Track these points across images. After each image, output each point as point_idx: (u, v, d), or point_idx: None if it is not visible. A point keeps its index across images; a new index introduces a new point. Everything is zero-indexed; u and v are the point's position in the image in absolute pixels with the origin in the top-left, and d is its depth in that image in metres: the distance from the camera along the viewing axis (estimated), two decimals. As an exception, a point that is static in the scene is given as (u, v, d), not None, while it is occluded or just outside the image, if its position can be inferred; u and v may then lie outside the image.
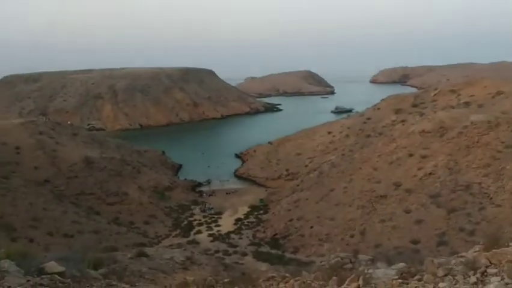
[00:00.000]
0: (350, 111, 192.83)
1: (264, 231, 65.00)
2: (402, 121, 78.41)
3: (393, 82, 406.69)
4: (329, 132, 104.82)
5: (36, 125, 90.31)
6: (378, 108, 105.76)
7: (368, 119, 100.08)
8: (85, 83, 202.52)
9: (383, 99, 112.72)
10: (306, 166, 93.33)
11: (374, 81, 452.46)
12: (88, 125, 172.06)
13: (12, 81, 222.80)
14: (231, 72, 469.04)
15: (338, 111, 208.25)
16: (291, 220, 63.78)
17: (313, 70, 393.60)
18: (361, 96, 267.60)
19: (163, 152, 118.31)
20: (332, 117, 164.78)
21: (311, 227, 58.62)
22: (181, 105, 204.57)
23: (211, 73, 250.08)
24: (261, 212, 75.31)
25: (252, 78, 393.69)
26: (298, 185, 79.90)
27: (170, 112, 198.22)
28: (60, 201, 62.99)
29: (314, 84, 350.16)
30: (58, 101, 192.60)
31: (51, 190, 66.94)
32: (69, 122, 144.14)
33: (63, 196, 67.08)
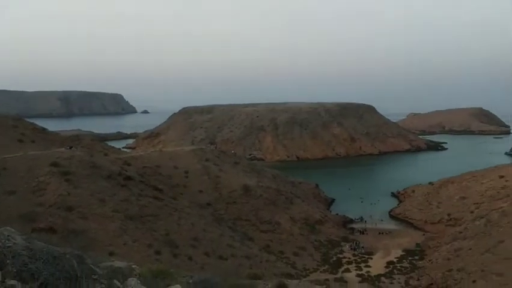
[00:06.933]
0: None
1: (418, 279, 60.11)
2: None
3: None
4: (501, 176, 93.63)
5: (204, 153, 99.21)
6: None
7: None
8: (250, 115, 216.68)
9: None
10: (472, 212, 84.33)
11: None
12: (250, 155, 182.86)
13: (189, 112, 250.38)
14: (393, 109, 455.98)
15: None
16: (450, 270, 57.87)
17: (486, 107, 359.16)
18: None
19: (317, 185, 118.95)
20: (506, 160, 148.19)
21: (474, 281, 52.28)
22: (338, 139, 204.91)
23: (370, 109, 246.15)
24: (416, 257, 70.00)
25: (415, 114, 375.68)
26: (460, 232, 72.48)
27: (327, 146, 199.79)
28: (218, 224, 67.36)
29: (486, 123, 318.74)
30: (225, 132, 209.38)
31: (211, 213, 72.16)
32: (233, 151, 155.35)
33: (221, 220, 71.67)
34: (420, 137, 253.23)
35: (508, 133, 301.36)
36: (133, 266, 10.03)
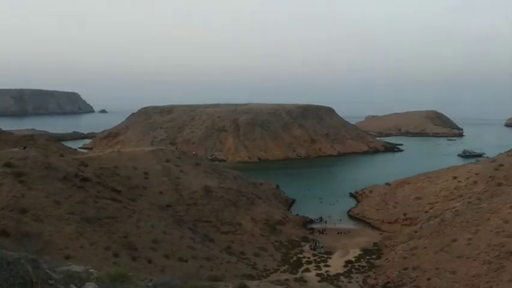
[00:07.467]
0: (479, 155, 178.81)
1: (376, 278, 61.60)
2: (542, 170, 69.92)
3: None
4: (454, 177, 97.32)
5: (165, 153, 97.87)
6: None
7: (500, 165, 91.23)
8: (212, 116, 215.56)
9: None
10: (426, 212, 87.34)
11: (509, 124, 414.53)
12: (211, 155, 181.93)
13: (148, 112, 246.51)
14: (352, 111, 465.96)
15: (466, 155, 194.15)
16: (406, 269, 59.67)
17: (440, 110, 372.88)
18: (493, 141, 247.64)
19: (278, 186, 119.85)
20: (459, 162, 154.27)
21: (428, 279, 54.15)
22: (299, 141, 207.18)
23: (330, 110, 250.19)
24: (374, 256, 71.74)
25: (373, 116, 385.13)
26: (416, 232, 74.90)
27: (288, 147, 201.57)
28: (179, 226, 66.63)
29: (440, 125, 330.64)
30: (186, 132, 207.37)
31: (172, 215, 71.30)
32: (194, 152, 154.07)
33: (182, 221, 70.95)
34: (378, 138, 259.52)
35: (460, 135, 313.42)
36: (91, 270, 9.79)
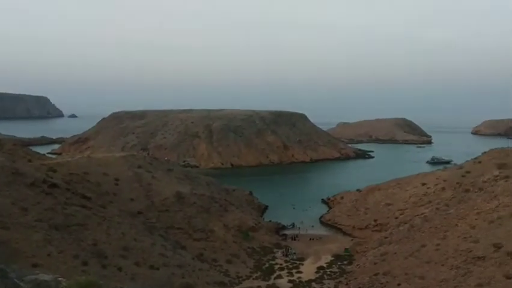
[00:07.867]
0: (448, 162, 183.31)
1: (347, 284, 62.14)
2: (506, 177, 72.25)
3: (499, 134, 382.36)
4: (423, 184, 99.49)
5: (136, 159, 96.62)
6: (479, 162, 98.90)
7: (467, 172, 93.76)
8: (185, 121, 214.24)
9: (484, 152, 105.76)
10: (396, 218, 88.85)
11: (475, 132, 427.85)
12: (184, 161, 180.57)
13: (120, 117, 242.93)
14: (324, 117, 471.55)
15: (434, 162, 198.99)
16: (376, 274, 60.41)
17: (409, 117, 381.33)
18: (461, 148, 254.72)
19: (251, 192, 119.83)
20: (427, 168, 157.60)
21: (398, 284, 54.93)
22: (272, 147, 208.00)
23: (303, 117, 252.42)
24: (345, 262, 72.45)
25: (344, 123, 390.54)
26: (386, 238, 76.10)
27: (261, 153, 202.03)
28: (150, 233, 65.73)
29: (409, 132, 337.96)
30: (159, 138, 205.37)
31: (143, 222, 70.28)
32: (166, 158, 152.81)
33: (153, 228, 70.00)
34: (349, 145, 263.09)
35: (429, 142, 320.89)
36: (59, 279, 9.57)
